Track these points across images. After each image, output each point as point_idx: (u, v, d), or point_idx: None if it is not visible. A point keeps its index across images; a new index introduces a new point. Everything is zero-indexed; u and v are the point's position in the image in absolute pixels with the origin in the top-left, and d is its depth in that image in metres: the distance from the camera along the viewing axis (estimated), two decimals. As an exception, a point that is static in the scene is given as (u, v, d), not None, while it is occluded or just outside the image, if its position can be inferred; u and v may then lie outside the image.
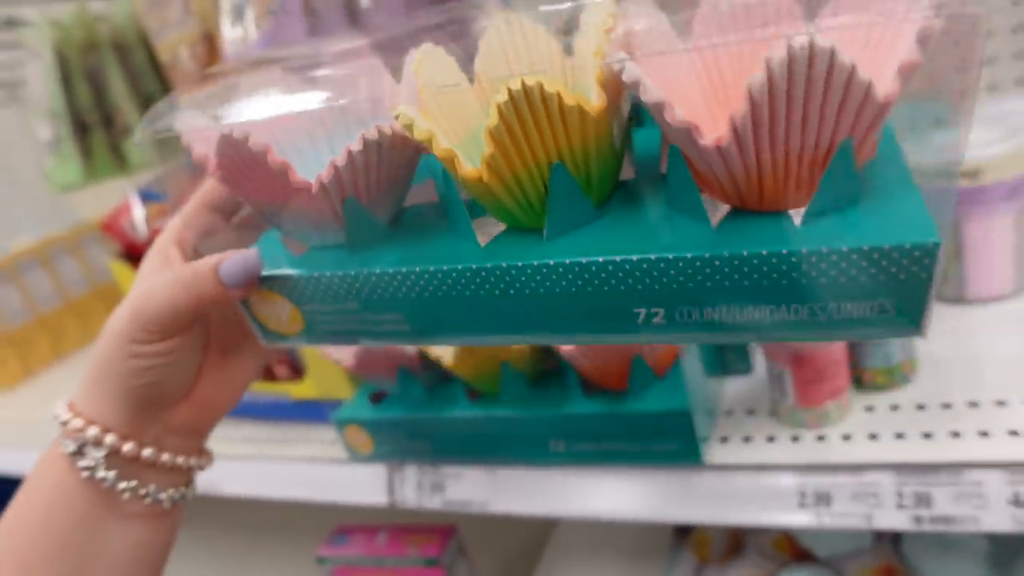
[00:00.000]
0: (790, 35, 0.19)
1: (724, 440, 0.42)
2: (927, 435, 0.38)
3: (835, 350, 0.39)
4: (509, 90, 0.22)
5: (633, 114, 0.29)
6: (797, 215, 0.23)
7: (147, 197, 0.67)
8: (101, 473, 0.30)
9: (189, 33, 0.81)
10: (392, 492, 0.53)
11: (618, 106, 0.26)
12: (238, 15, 0.67)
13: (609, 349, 0.41)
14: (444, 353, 0.46)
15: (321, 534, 0.77)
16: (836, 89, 0.20)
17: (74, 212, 1.46)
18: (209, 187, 0.34)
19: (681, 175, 0.24)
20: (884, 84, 0.20)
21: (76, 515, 0.31)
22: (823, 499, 0.37)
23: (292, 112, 0.29)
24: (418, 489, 0.52)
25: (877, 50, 0.22)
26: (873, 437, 0.39)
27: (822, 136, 0.21)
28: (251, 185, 0.29)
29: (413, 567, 0.69)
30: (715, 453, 0.42)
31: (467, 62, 0.28)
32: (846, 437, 0.39)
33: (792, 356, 0.39)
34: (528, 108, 0.23)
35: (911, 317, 0.21)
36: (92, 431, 0.30)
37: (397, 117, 0.25)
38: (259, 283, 0.31)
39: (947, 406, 0.39)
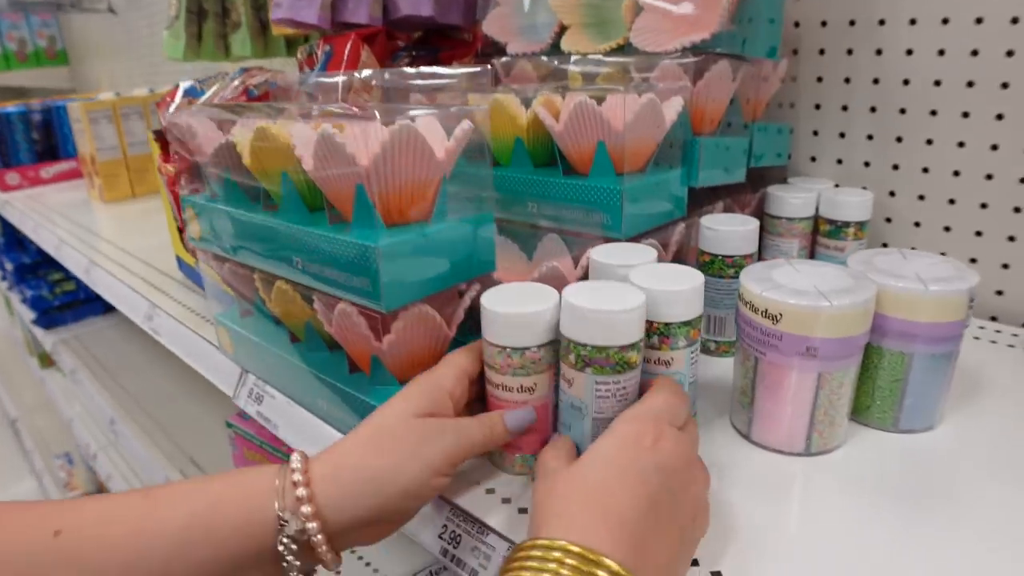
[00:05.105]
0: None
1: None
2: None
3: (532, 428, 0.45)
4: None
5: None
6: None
7: (188, 92, 0.81)
8: (287, 548, 0.36)
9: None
10: (236, 389, 0.65)
11: None
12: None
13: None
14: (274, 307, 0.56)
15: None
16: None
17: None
18: (467, 364, 0.45)
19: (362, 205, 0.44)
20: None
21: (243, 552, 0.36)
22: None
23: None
24: (248, 396, 0.63)
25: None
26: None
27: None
28: None
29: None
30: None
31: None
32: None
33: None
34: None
35: (374, 293, 0.43)
36: (312, 524, 0.36)
37: None
38: None
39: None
